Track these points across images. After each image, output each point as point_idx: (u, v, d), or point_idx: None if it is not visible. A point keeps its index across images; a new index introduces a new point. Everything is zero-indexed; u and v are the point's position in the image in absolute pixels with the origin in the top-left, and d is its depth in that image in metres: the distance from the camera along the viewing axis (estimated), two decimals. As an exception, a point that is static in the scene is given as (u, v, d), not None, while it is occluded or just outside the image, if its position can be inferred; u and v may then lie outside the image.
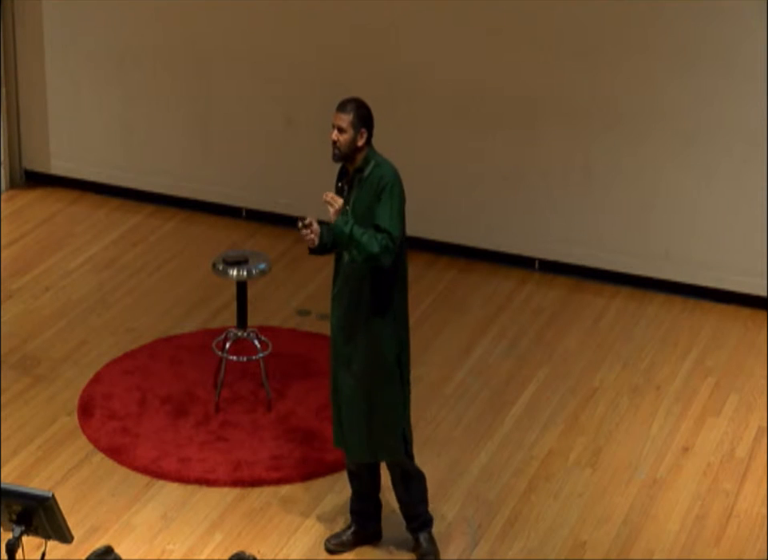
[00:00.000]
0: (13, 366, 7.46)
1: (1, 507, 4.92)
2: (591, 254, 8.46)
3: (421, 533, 6.11)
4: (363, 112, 5.75)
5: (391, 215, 5.66)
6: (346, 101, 5.78)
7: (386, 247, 5.61)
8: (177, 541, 6.23)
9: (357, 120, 5.71)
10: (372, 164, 5.76)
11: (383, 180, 5.71)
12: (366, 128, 5.74)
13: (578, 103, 8.22)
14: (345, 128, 5.71)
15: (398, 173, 5.80)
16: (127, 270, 8.50)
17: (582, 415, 7.18)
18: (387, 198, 5.69)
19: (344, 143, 5.73)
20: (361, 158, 5.77)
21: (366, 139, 5.75)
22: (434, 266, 8.64)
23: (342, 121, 5.72)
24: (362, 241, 5.60)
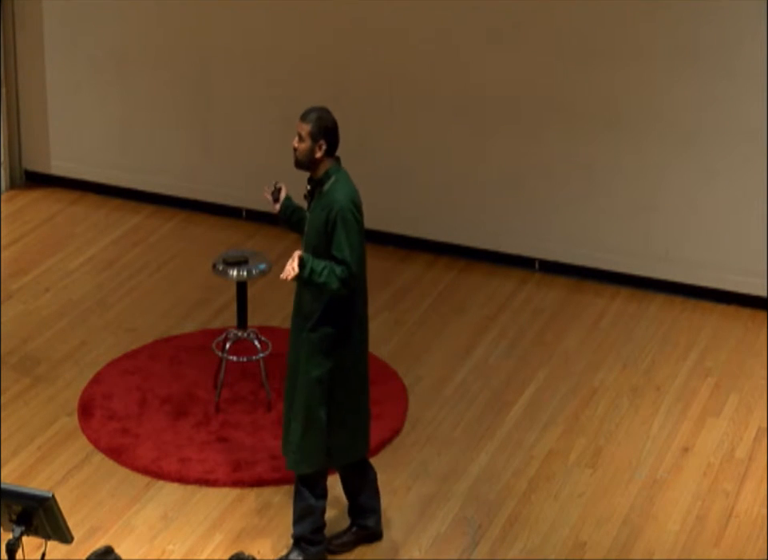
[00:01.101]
0: (14, 367, 7.46)
1: (2, 508, 4.92)
2: (591, 255, 8.46)
3: (294, 548, 6.03)
4: (324, 123, 5.68)
5: (348, 245, 5.60)
6: (310, 110, 5.73)
7: (345, 280, 5.60)
8: (177, 541, 6.23)
9: (316, 130, 5.65)
10: (331, 181, 5.71)
11: (334, 208, 5.63)
12: (326, 140, 5.67)
13: (578, 103, 8.22)
14: (304, 137, 5.68)
15: (355, 194, 5.70)
16: (127, 270, 8.50)
17: (582, 415, 7.18)
18: (341, 227, 5.62)
19: (302, 152, 5.70)
20: (322, 171, 5.72)
21: (326, 151, 5.69)
22: (434, 266, 8.64)
23: (302, 130, 5.68)
24: (321, 281, 5.58)
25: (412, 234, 8.81)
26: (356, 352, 5.85)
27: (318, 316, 5.74)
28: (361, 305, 5.83)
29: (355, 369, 5.87)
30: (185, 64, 8.94)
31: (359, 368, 5.89)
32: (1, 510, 4.93)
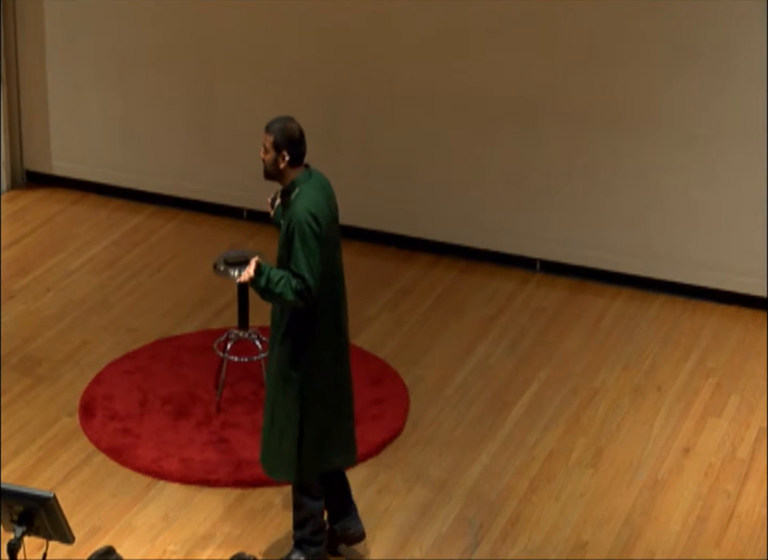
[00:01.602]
0: (15, 367, 7.46)
1: (3, 508, 4.92)
2: (592, 255, 8.46)
3: (295, 549, 6.03)
4: (286, 134, 5.63)
5: (304, 259, 5.57)
6: (274, 121, 5.70)
7: (300, 292, 5.58)
8: (178, 541, 6.23)
9: (278, 141, 5.62)
10: (296, 192, 5.67)
11: (293, 221, 5.61)
12: (289, 151, 5.63)
13: (579, 103, 8.22)
14: (268, 148, 5.67)
15: (314, 205, 5.63)
16: (128, 270, 8.50)
17: (583, 415, 7.18)
18: (297, 240, 5.60)
19: (267, 163, 5.69)
20: (288, 181, 5.70)
21: (289, 161, 5.65)
22: (435, 266, 8.64)
23: (266, 141, 5.67)
24: (276, 291, 5.58)
25: (413, 235, 8.81)
26: (328, 362, 5.80)
27: (284, 329, 5.75)
28: (330, 317, 5.76)
29: (329, 378, 5.81)
30: (186, 64, 8.95)
31: (334, 376, 5.83)
32: (3, 510, 4.93)
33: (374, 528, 6.34)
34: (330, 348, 5.81)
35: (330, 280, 5.76)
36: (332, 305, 5.79)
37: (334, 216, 5.82)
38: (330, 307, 5.77)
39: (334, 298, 5.80)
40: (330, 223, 5.75)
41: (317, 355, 5.77)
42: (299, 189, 5.67)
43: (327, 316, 5.77)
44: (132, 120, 9.18)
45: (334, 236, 5.79)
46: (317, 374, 5.79)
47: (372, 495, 6.55)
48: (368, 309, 8.14)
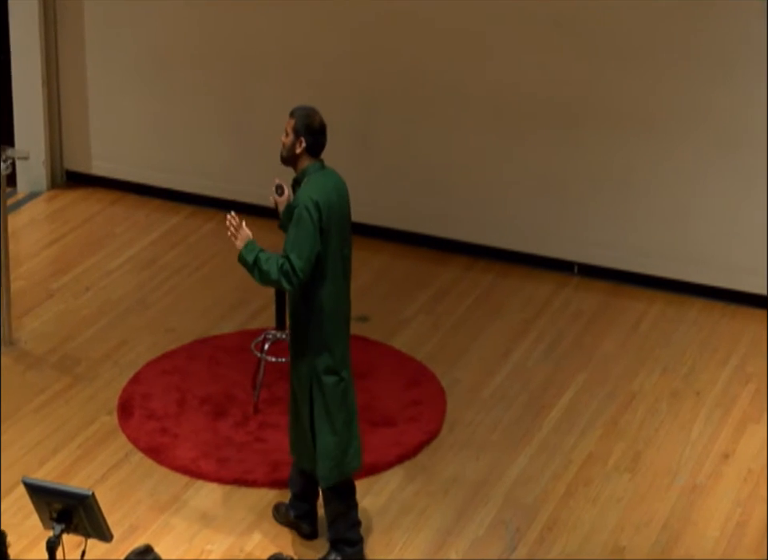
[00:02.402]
0: (54, 365, 7.50)
1: (42, 505, 4.95)
2: (630, 259, 8.42)
3: (331, 550, 6.04)
4: (307, 122, 5.77)
5: (295, 241, 5.66)
6: (298, 107, 5.86)
7: (285, 272, 5.65)
8: (216, 541, 6.24)
9: (298, 127, 5.77)
10: (307, 181, 5.78)
11: (295, 204, 5.74)
12: (306, 138, 5.76)
13: (617, 106, 8.19)
14: (288, 132, 5.81)
15: (319, 193, 5.70)
16: (166, 270, 8.53)
17: (621, 419, 7.15)
18: (294, 223, 5.71)
19: (285, 147, 5.83)
20: (300, 168, 5.81)
21: (305, 148, 5.76)
22: (472, 269, 8.63)
23: (288, 125, 5.82)
24: (263, 268, 5.69)
25: (450, 237, 8.80)
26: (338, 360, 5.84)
27: (294, 328, 5.85)
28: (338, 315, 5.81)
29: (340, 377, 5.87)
30: (224, 64, 8.97)
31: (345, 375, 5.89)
32: (42, 508, 4.96)
33: (410, 530, 6.34)
34: (339, 346, 5.85)
35: (336, 278, 5.80)
36: (338, 305, 5.82)
37: (344, 213, 5.87)
38: (336, 306, 5.81)
39: (339, 297, 5.84)
40: (339, 219, 5.80)
41: (326, 356, 5.81)
42: (309, 178, 5.78)
43: (334, 316, 5.81)
44: (171, 121, 9.22)
45: (342, 232, 5.84)
46: (328, 376, 5.84)
47: (409, 497, 6.55)
48: (404, 311, 8.13)
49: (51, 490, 4.95)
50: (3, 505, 6.39)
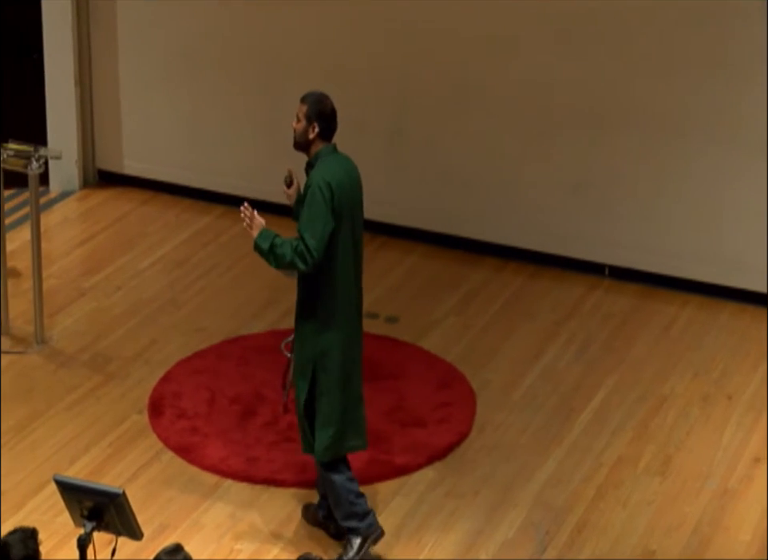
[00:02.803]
0: (85, 364, 7.53)
1: (73, 503, 4.97)
2: (661, 262, 8.38)
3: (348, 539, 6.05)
4: (319, 107, 5.87)
5: (308, 221, 5.74)
6: (309, 93, 5.95)
7: (300, 253, 5.72)
8: (245, 540, 6.25)
9: (311, 112, 5.86)
10: (319, 163, 5.88)
11: (308, 184, 5.83)
12: (319, 124, 5.86)
13: (650, 107, 8.15)
14: (300, 118, 5.89)
15: (331, 174, 5.80)
16: (197, 270, 8.55)
17: (652, 422, 7.12)
18: (307, 204, 5.79)
19: (297, 132, 5.91)
20: (313, 153, 5.90)
21: (318, 133, 5.86)
22: (503, 271, 8.61)
23: (300, 111, 5.90)
24: (278, 252, 5.77)
25: (481, 238, 8.79)
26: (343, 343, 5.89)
27: (300, 309, 5.91)
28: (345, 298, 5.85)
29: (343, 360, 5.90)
30: (255, 64, 8.99)
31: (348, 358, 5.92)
32: (73, 505, 4.97)
33: (440, 531, 6.34)
34: (345, 329, 5.89)
35: (346, 260, 5.84)
36: (346, 287, 5.86)
37: (355, 196, 5.92)
38: (345, 288, 5.86)
39: (348, 279, 5.87)
40: (350, 202, 5.85)
41: (332, 335, 5.85)
42: (321, 161, 5.86)
43: (342, 297, 5.85)
44: (202, 121, 9.24)
45: (353, 215, 5.89)
46: (332, 355, 5.87)
47: (439, 498, 6.54)
48: (435, 312, 8.13)
49: (82, 488, 4.96)
50: (34, 502, 6.42)
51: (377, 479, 6.65)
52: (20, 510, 6.35)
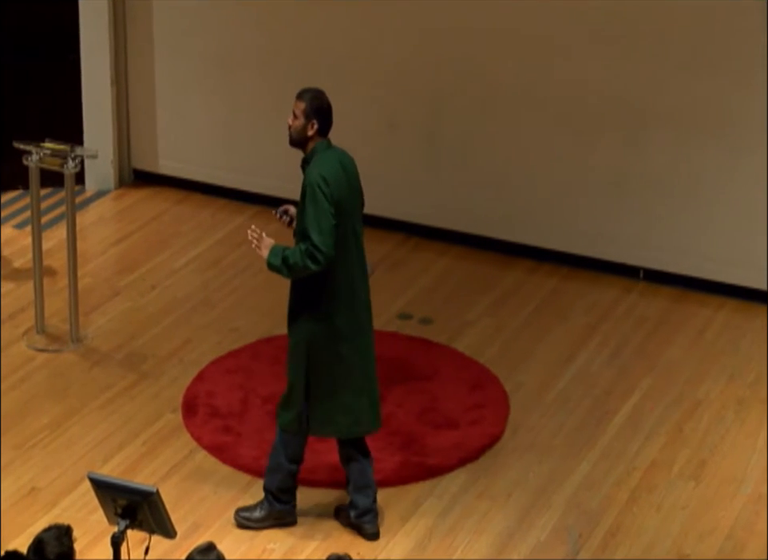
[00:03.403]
0: (120, 362, 7.57)
1: (107, 501, 4.99)
2: (697, 265, 8.34)
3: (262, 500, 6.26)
4: (317, 103, 5.92)
5: (313, 219, 5.78)
6: (305, 90, 5.98)
7: (310, 254, 5.78)
8: (278, 540, 6.26)
9: (309, 109, 5.89)
10: (314, 159, 5.91)
11: (306, 183, 5.87)
12: (318, 120, 5.90)
13: (686, 109, 8.12)
14: (298, 115, 5.92)
15: (328, 170, 5.85)
16: (231, 269, 8.57)
17: (686, 426, 7.08)
18: (309, 202, 5.83)
19: (295, 130, 5.94)
20: (310, 149, 5.93)
21: (317, 130, 5.90)
22: (536, 272, 8.59)
23: (297, 108, 5.92)
24: (290, 262, 5.81)
25: (514, 240, 8.77)
26: (341, 333, 5.93)
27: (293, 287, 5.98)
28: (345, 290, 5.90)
29: (340, 349, 5.96)
30: (289, 66, 9.00)
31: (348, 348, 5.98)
32: (107, 503, 5.00)
33: (472, 532, 6.33)
34: (345, 318, 5.93)
35: (348, 254, 5.88)
36: (347, 279, 5.90)
37: (353, 188, 5.97)
38: (345, 280, 5.90)
39: (348, 272, 5.91)
40: (348, 194, 5.90)
41: (329, 324, 5.90)
42: (318, 156, 5.91)
43: (342, 288, 5.89)
44: (237, 121, 9.27)
45: (351, 207, 5.93)
46: (327, 343, 5.92)
47: (471, 500, 6.53)
48: (468, 314, 8.12)
49: (116, 487, 4.99)
50: (69, 499, 6.46)
51: (409, 481, 6.65)
52: (54, 507, 6.39)
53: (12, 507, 6.39)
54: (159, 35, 9.27)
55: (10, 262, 8.56)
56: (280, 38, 8.97)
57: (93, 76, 9.26)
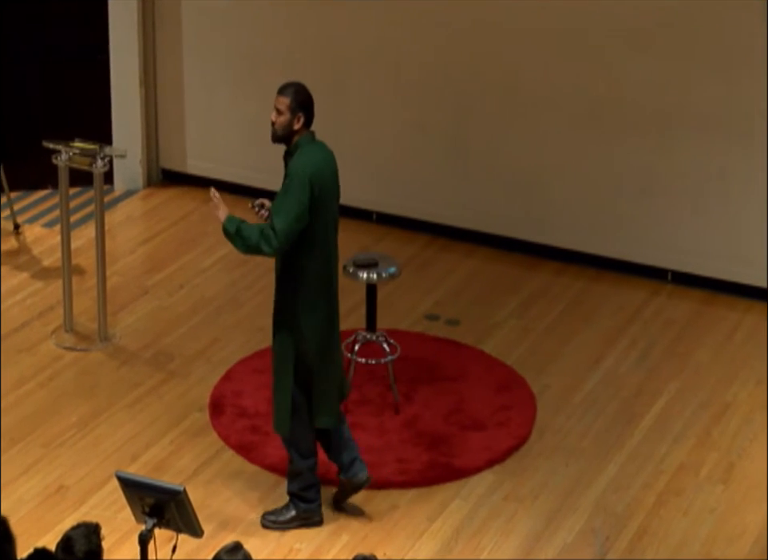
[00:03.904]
0: (148, 361, 7.59)
1: (135, 500, 5.00)
2: (725, 267, 8.31)
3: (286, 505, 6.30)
4: (302, 97, 5.94)
5: (281, 207, 5.84)
6: (287, 85, 5.99)
7: (266, 237, 5.82)
8: (305, 540, 6.26)
9: (294, 104, 5.91)
10: (298, 152, 5.94)
11: (290, 173, 5.91)
12: (304, 113, 5.93)
13: (715, 112, 8.08)
14: (283, 110, 5.92)
15: (311, 165, 5.88)
16: (259, 269, 8.58)
17: (714, 430, 7.05)
18: (284, 190, 5.88)
19: (281, 125, 5.95)
20: (294, 141, 5.96)
21: (303, 123, 5.93)
22: (563, 274, 8.57)
23: (281, 104, 5.93)
24: (244, 234, 5.87)
25: (542, 242, 8.75)
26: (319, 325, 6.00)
27: (278, 294, 6.04)
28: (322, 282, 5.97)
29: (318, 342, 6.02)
30: (318, 66, 9.01)
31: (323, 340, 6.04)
32: (135, 502, 5.01)
33: (498, 534, 6.32)
34: (322, 311, 5.99)
35: (325, 246, 5.95)
36: (324, 272, 5.98)
37: (334, 185, 6.03)
38: (322, 272, 5.97)
39: (327, 266, 5.99)
40: (330, 191, 5.96)
41: (307, 318, 5.96)
42: (302, 149, 5.93)
43: (319, 281, 5.96)
44: (265, 121, 9.15)
45: (332, 200, 5.99)
46: (307, 337, 5.99)
47: (498, 502, 6.52)
48: (495, 316, 8.10)
49: (144, 485, 5.00)
50: (97, 498, 6.48)
51: (436, 482, 6.65)
52: (82, 505, 6.41)
53: (40, 505, 6.41)
54: (187, 35, 9.30)
55: (39, 260, 8.60)
56: (308, 38, 8.98)
57: (122, 77, 9.30)
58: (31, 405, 7.15)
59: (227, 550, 4.77)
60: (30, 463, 6.70)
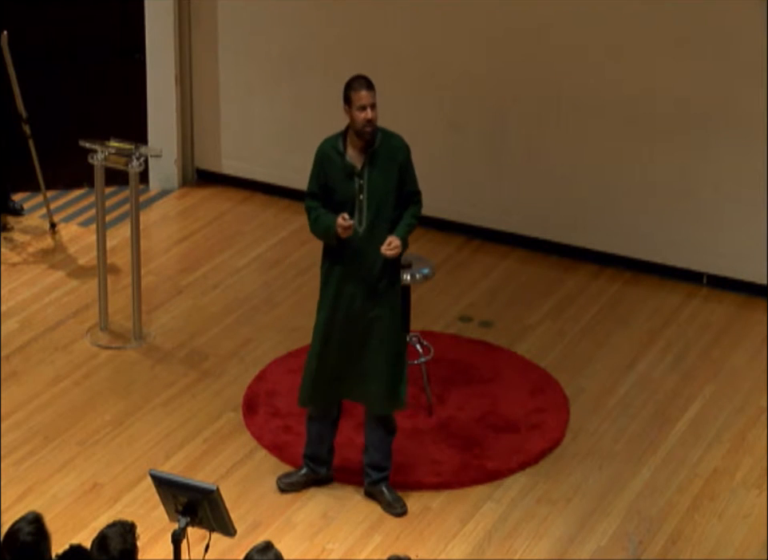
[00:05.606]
0: (182, 360, 7.61)
1: (168, 498, 5.02)
2: (762, 271, 8.25)
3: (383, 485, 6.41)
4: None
5: (415, 177, 6.16)
6: (363, 78, 6.01)
7: (420, 206, 6.18)
8: (337, 540, 6.27)
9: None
10: (380, 136, 5.99)
11: (402, 151, 6.01)
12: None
13: (753, 114, 8.03)
14: (375, 104, 5.95)
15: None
16: (293, 269, 8.60)
17: (749, 434, 7.01)
18: (412, 165, 6.09)
19: (376, 121, 5.99)
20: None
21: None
22: (599, 277, 8.54)
23: (374, 98, 5.93)
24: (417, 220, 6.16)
25: (577, 244, 8.72)
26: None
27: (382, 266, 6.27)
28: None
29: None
30: (354, 66, 8.95)
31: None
32: (168, 500, 5.02)
33: (531, 537, 6.30)
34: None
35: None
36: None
37: None
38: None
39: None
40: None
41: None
42: (381, 132, 6.03)
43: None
44: (301, 122, 9.29)
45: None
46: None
47: (531, 504, 6.51)
48: (530, 318, 8.08)
49: (177, 484, 5.01)
50: (131, 496, 6.50)
51: (469, 483, 6.63)
52: (116, 503, 6.44)
53: (75, 502, 6.45)
54: (223, 34, 9.32)
55: (75, 259, 8.64)
56: (345, 38, 8.98)
57: (158, 76, 9.33)
58: (66, 403, 7.19)
59: (259, 549, 4.78)
60: (65, 461, 6.74)
